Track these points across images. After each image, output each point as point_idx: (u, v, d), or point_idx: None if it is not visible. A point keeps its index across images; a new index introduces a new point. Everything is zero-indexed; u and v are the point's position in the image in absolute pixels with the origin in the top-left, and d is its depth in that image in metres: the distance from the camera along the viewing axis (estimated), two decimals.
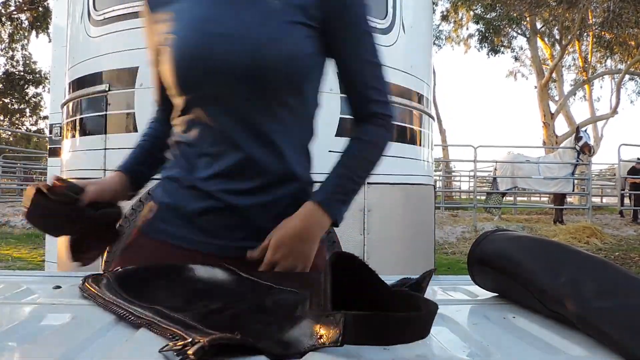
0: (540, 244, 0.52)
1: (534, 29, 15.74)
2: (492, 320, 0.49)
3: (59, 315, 0.47)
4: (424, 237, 2.27)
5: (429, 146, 2.30)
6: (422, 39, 2.26)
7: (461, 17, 17.11)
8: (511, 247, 0.53)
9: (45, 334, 0.42)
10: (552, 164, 8.29)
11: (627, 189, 9.17)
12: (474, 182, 9.33)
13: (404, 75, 2.02)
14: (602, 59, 16.31)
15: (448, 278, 0.69)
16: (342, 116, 1.74)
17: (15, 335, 0.41)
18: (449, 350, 0.40)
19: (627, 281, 0.43)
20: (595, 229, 6.50)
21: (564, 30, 14.82)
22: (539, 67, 16.19)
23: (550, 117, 14.90)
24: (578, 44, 15.68)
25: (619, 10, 11.84)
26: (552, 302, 0.46)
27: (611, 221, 8.67)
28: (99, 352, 0.38)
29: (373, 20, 1.90)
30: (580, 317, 0.42)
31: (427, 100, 2.25)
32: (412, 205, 2.10)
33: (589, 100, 17.95)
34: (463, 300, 0.58)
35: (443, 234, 6.51)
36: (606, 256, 5.16)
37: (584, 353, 0.40)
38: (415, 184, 2.09)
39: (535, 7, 12.91)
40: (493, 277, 0.55)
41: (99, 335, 0.42)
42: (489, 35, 15.69)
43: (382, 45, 1.93)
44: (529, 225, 7.61)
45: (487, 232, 0.58)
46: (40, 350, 0.38)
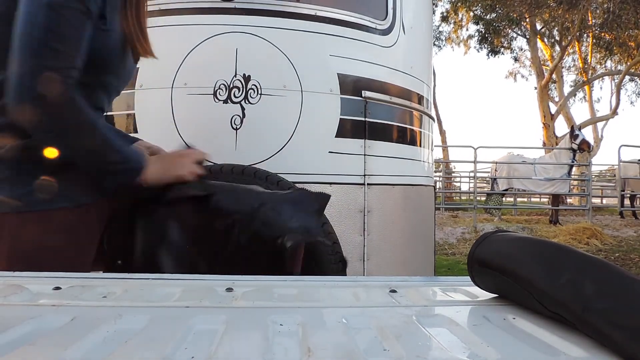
0: (540, 245, 0.52)
1: (534, 30, 15.74)
2: (492, 322, 0.49)
3: (59, 316, 0.47)
4: (424, 238, 2.27)
5: (429, 147, 2.30)
6: (422, 40, 2.26)
7: (461, 18, 17.12)
8: (511, 248, 0.53)
9: (45, 334, 0.42)
10: (548, 164, 8.29)
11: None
12: (474, 183, 9.33)
13: (403, 76, 2.02)
14: (602, 60, 16.31)
15: (448, 279, 0.69)
16: (343, 117, 1.75)
17: (15, 336, 0.41)
18: (449, 352, 0.40)
19: (627, 282, 0.43)
20: (596, 230, 6.50)
21: (563, 31, 14.82)
22: (538, 68, 16.19)
23: (551, 118, 14.90)
24: (578, 45, 15.68)
25: (619, 12, 11.84)
26: (552, 303, 0.46)
27: (611, 222, 8.67)
28: (99, 352, 0.38)
29: (373, 20, 1.91)
30: (581, 318, 0.42)
31: (427, 101, 2.25)
32: (412, 206, 2.10)
33: (589, 101, 17.96)
34: (463, 301, 0.58)
35: (443, 234, 6.51)
36: (606, 257, 5.15)
37: (584, 354, 0.40)
38: (415, 185, 2.09)
39: (535, 8, 12.91)
40: (493, 278, 0.55)
41: (99, 336, 0.42)
42: (488, 36, 15.69)
43: (382, 46, 1.93)
44: (529, 226, 7.61)
45: (487, 233, 0.58)
46: (40, 351, 0.38)
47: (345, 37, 1.82)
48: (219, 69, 1.68)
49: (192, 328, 0.44)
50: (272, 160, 1.66)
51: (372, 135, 1.82)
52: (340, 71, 1.76)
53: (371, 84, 1.85)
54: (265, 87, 1.68)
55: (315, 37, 1.76)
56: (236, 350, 0.39)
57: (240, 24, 1.69)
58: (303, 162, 1.70)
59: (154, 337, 0.42)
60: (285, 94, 1.70)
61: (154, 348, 0.39)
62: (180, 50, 1.67)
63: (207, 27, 1.70)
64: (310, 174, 1.68)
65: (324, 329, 0.45)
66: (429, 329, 0.45)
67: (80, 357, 0.37)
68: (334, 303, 0.55)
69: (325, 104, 1.74)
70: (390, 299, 0.57)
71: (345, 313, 0.50)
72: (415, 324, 0.46)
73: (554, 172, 8.12)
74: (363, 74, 1.83)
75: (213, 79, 1.67)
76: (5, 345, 0.39)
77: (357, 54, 1.84)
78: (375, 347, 0.40)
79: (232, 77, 1.67)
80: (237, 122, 1.67)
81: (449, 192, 12.71)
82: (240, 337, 0.43)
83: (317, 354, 0.36)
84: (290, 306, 0.52)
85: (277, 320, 0.46)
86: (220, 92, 1.67)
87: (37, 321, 0.46)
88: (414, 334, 0.43)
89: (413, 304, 0.54)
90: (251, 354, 0.38)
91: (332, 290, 0.60)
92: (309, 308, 0.52)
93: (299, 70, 1.71)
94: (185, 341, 0.41)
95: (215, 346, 0.39)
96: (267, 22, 1.71)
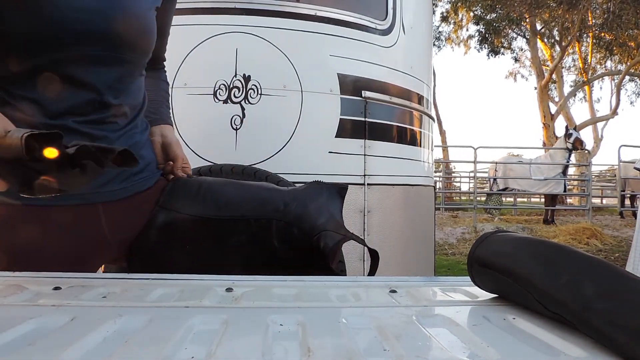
0: (540, 245, 0.52)
1: (534, 30, 15.75)
2: (492, 322, 0.49)
3: (59, 316, 0.47)
4: (424, 238, 2.27)
5: (429, 147, 2.30)
6: (422, 40, 2.26)
7: (461, 18, 17.13)
8: (511, 248, 0.53)
9: (45, 334, 0.42)
10: (543, 164, 8.31)
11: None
12: (474, 183, 9.34)
13: (403, 76, 2.02)
14: (602, 60, 16.32)
15: (448, 279, 0.69)
16: (342, 117, 1.75)
17: (15, 336, 0.41)
18: (449, 352, 0.40)
19: (628, 282, 0.43)
20: (595, 230, 6.50)
21: (563, 31, 14.83)
22: (538, 68, 16.19)
23: (551, 118, 14.91)
24: (578, 45, 15.68)
25: (619, 12, 11.85)
26: (552, 304, 0.46)
27: (611, 222, 8.67)
28: (99, 352, 0.38)
29: (373, 21, 1.91)
30: (581, 318, 0.42)
31: (427, 101, 2.25)
32: (412, 206, 2.10)
33: (589, 101, 17.96)
34: (463, 301, 0.58)
35: (443, 234, 6.51)
36: (606, 257, 5.16)
37: (584, 354, 0.40)
38: (415, 185, 2.09)
39: (535, 8, 12.91)
40: (493, 278, 0.55)
41: (99, 336, 0.42)
42: (488, 36, 15.70)
43: (382, 46, 1.93)
44: (529, 226, 7.61)
45: (487, 234, 0.58)
46: (40, 351, 0.38)
47: (345, 37, 1.82)
48: (219, 69, 1.68)
49: (192, 328, 0.44)
50: (272, 160, 1.66)
51: (372, 135, 1.83)
52: (340, 71, 1.76)
53: (371, 84, 1.85)
54: (265, 87, 1.68)
55: (315, 37, 1.76)
56: (236, 350, 0.39)
57: (240, 24, 1.70)
58: (303, 162, 1.70)
59: (153, 337, 0.42)
60: (285, 94, 1.70)
61: (154, 348, 0.39)
62: (180, 50, 1.68)
63: (207, 27, 1.70)
64: (310, 174, 1.68)
65: (324, 329, 0.45)
66: (429, 329, 0.45)
67: (80, 357, 0.37)
68: (334, 303, 0.55)
69: (325, 104, 1.74)
70: (390, 299, 0.57)
71: (345, 313, 0.50)
72: (415, 324, 0.46)
73: (548, 172, 8.13)
74: (363, 74, 1.83)
75: (213, 79, 1.67)
76: (5, 345, 0.39)
77: (357, 54, 1.84)
78: (375, 347, 0.40)
79: (232, 77, 1.67)
80: (237, 122, 1.67)
81: (449, 192, 12.72)
82: (240, 337, 0.43)
83: (317, 354, 0.36)
84: (290, 306, 0.52)
85: (277, 320, 0.46)
86: (220, 92, 1.67)
87: (37, 321, 0.46)
88: (414, 334, 0.43)
89: (413, 304, 0.54)
90: (251, 354, 0.38)
91: (332, 290, 0.60)
92: (309, 308, 0.52)
93: (299, 70, 1.71)
94: (185, 341, 0.41)
95: (215, 346, 0.39)
96: (267, 22, 1.71)
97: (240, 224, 0.88)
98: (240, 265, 0.86)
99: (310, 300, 0.56)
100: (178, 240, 0.89)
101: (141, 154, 0.90)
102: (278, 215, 0.88)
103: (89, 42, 0.78)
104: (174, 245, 0.89)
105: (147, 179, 0.92)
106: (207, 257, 0.89)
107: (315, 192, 0.95)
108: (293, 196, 0.92)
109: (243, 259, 0.89)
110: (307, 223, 0.87)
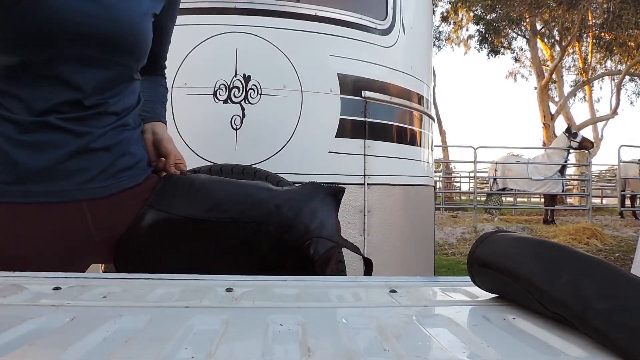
0: (540, 245, 0.52)
1: (534, 30, 15.75)
2: (492, 322, 0.49)
3: (58, 316, 0.47)
4: (424, 238, 2.27)
5: (429, 147, 2.30)
6: (422, 40, 2.26)
7: (461, 18, 17.14)
8: (511, 248, 0.53)
9: (45, 334, 0.42)
10: (541, 164, 8.30)
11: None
12: (474, 183, 9.34)
13: (403, 76, 2.02)
14: (602, 60, 16.32)
15: (448, 279, 0.69)
16: (343, 117, 1.75)
17: (15, 336, 0.41)
18: (449, 352, 0.40)
19: (628, 282, 0.43)
20: (596, 230, 6.50)
21: (563, 31, 14.83)
22: (539, 68, 16.20)
23: (551, 118, 14.91)
24: (578, 45, 15.68)
25: (619, 12, 11.86)
26: (552, 304, 0.46)
27: (611, 222, 8.67)
28: (99, 352, 0.38)
29: (373, 20, 1.91)
30: (581, 318, 0.42)
31: (427, 101, 2.25)
32: (412, 206, 2.10)
33: (589, 101, 17.97)
34: (463, 301, 0.58)
35: (443, 234, 6.51)
36: (606, 257, 5.15)
37: (584, 354, 0.40)
38: (415, 185, 2.09)
39: (535, 8, 12.91)
40: (493, 278, 0.55)
41: (99, 336, 0.42)
42: (488, 36, 15.71)
43: (382, 46, 1.93)
44: (529, 226, 7.61)
45: (487, 234, 0.58)
46: (40, 351, 0.38)
47: (345, 37, 1.82)
48: (219, 69, 1.68)
49: (192, 328, 0.44)
50: (272, 160, 1.66)
51: (372, 135, 1.83)
52: (340, 71, 1.76)
53: (371, 84, 1.85)
54: (265, 87, 1.68)
55: (315, 37, 1.76)
56: (236, 350, 0.39)
57: (240, 24, 1.70)
58: (303, 162, 1.70)
59: (154, 337, 0.42)
60: (285, 94, 1.70)
61: (154, 348, 0.39)
62: (180, 50, 1.67)
63: (207, 27, 1.70)
64: (310, 174, 1.68)
65: (324, 329, 0.45)
66: (429, 329, 0.45)
67: (80, 357, 0.37)
68: (334, 303, 0.55)
69: (325, 104, 1.74)
70: (390, 299, 0.57)
71: (345, 313, 0.50)
72: (415, 324, 0.46)
73: (546, 172, 8.13)
74: (363, 74, 1.83)
75: (213, 79, 1.67)
76: (5, 345, 0.39)
77: (357, 54, 1.84)
78: (375, 347, 0.40)
79: (232, 77, 1.67)
80: (237, 122, 1.67)
81: (449, 192, 12.72)
82: (240, 337, 0.43)
83: (317, 354, 0.36)
84: (290, 306, 0.52)
85: (277, 320, 0.46)
86: (220, 92, 1.67)
87: (37, 321, 0.46)
88: (414, 334, 0.43)
89: (413, 304, 0.54)
90: (251, 354, 0.38)
91: (332, 290, 0.60)
92: (309, 308, 0.52)
93: (299, 70, 1.71)
94: (185, 341, 0.41)
95: (215, 346, 0.39)
96: (267, 22, 1.71)
97: (229, 226, 0.86)
98: (228, 269, 0.85)
99: (311, 300, 0.56)
100: (165, 241, 0.87)
101: (130, 150, 0.88)
102: (269, 218, 0.85)
103: (77, 43, 0.78)
104: (162, 246, 0.87)
105: (135, 176, 0.89)
106: (195, 260, 0.86)
107: (310, 195, 0.91)
108: (286, 198, 0.89)
109: (232, 263, 0.86)
110: (299, 228, 0.84)
